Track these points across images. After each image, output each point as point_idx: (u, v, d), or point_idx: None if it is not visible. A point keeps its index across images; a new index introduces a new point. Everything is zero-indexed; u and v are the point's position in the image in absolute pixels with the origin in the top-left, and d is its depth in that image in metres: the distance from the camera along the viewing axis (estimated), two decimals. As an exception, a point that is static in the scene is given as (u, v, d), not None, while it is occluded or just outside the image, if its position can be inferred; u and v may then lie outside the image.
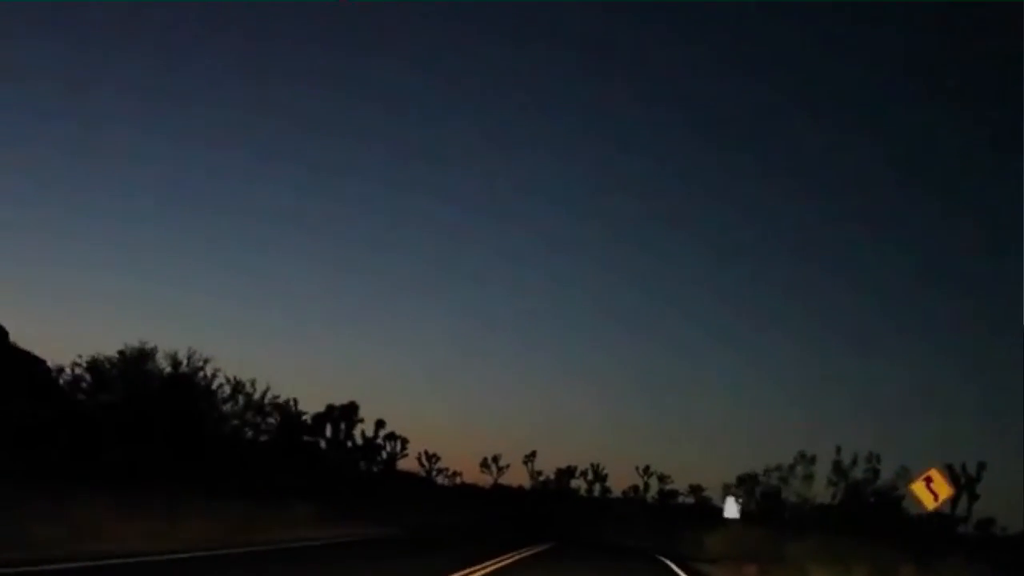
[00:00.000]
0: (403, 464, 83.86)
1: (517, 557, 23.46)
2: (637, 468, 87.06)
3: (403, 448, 73.06)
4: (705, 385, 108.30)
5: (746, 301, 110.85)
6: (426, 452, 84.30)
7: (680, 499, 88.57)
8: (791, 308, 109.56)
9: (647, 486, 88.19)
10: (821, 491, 38.06)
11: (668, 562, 30.47)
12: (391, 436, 73.16)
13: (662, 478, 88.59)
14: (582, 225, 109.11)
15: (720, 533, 37.76)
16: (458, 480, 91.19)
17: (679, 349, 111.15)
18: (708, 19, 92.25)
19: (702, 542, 38.45)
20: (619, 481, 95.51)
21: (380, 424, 41.26)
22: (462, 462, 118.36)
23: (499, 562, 20.74)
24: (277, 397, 34.30)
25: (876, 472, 37.33)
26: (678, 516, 68.95)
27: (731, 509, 40.21)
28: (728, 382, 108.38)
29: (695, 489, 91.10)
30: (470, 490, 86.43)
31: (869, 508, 34.57)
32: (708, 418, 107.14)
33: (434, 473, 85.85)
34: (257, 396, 34.54)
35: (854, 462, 38.26)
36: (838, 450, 39.45)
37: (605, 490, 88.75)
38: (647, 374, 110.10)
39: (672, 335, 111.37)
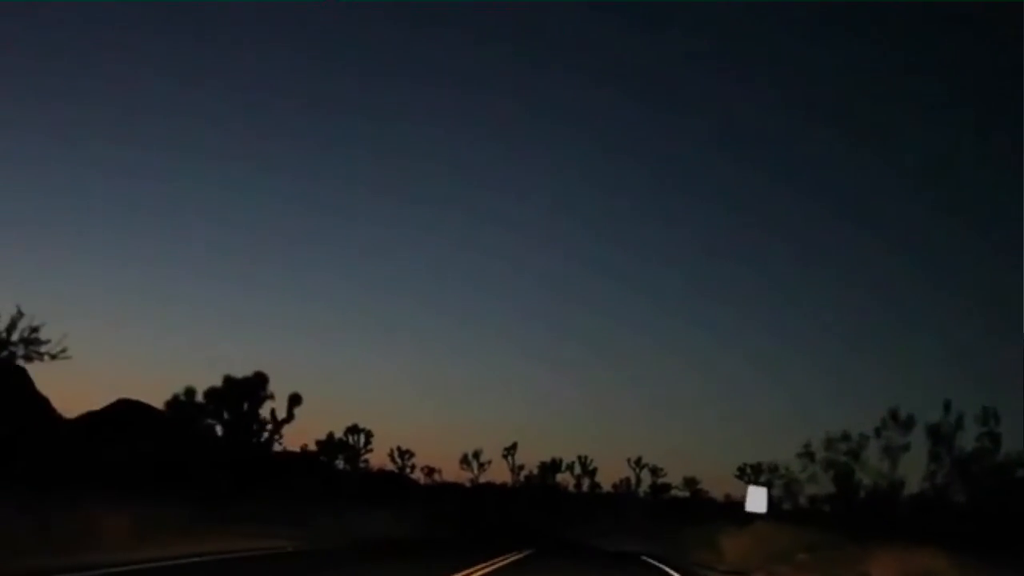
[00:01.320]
0: (376, 461, 75.55)
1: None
2: (628, 460, 77.71)
3: (367, 442, 63.71)
4: (697, 371, 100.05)
5: (736, 286, 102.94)
6: (399, 448, 75.11)
7: (672, 492, 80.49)
8: (786, 292, 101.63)
9: (639, 479, 79.42)
10: (911, 471, 26.80)
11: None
12: (354, 430, 64.02)
13: (655, 471, 79.81)
14: (563, 214, 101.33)
15: (740, 533, 28.48)
16: (436, 478, 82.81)
17: (668, 333, 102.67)
18: (708, 21, 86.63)
19: (717, 545, 29.44)
20: (608, 475, 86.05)
21: (295, 400, 31.73)
22: (442, 459, 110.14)
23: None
24: (36, 330, 21.09)
25: (996, 439, 24.10)
26: (678, 511, 59.94)
27: (756, 500, 30.35)
28: (723, 368, 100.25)
29: (690, 482, 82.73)
30: (449, 488, 77.87)
31: (985, 493, 23.77)
32: (702, 406, 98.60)
33: (408, 470, 76.68)
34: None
35: (959, 423, 24.92)
36: (947, 406, 25.51)
37: (595, 485, 79.90)
38: (635, 359, 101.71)
39: (660, 318, 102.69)
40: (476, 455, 77.56)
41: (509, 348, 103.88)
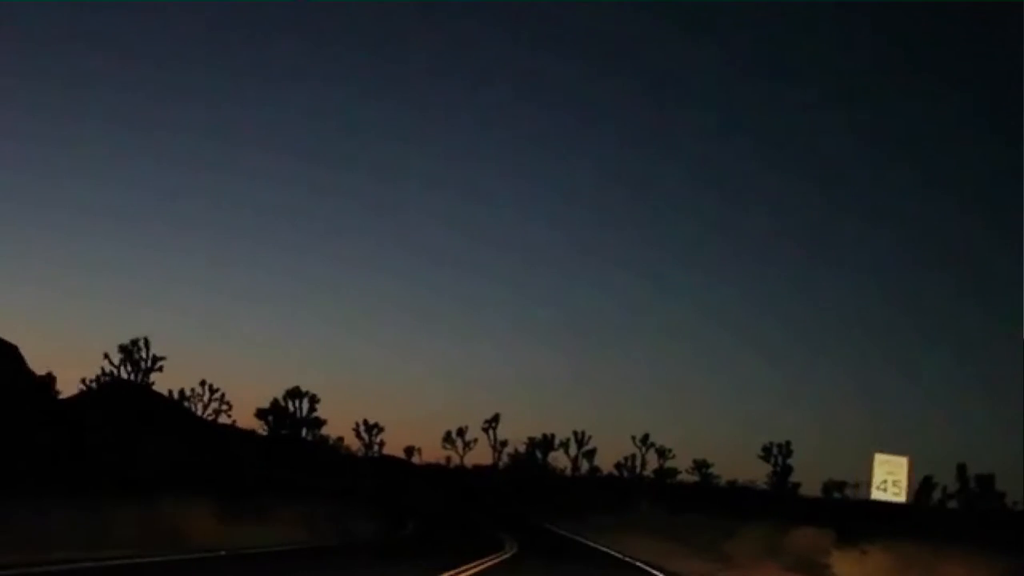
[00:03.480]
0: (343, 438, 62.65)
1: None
2: (633, 438, 64.39)
3: (312, 409, 50.18)
4: (700, 351, 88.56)
5: (740, 269, 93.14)
6: (365, 421, 61.89)
7: (679, 477, 67.21)
8: (796, 276, 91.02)
9: (644, 460, 65.86)
10: None
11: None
12: (295, 393, 50.64)
13: (662, 452, 66.39)
14: (560, 195, 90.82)
15: (867, 547, 14.86)
16: (415, 458, 69.78)
17: (669, 313, 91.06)
18: (714, 18, 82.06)
19: (822, 563, 15.88)
20: (608, 456, 72.67)
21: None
22: (424, 437, 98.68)
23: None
24: None
25: None
26: (696, 499, 46.61)
27: (889, 481, 16.06)
28: (726, 348, 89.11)
29: (700, 464, 69.17)
30: (430, 470, 65.14)
31: None
32: (706, 386, 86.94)
33: (377, 447, 63.49)
34: None
35: None
36: None
37: (594, 469, 66.59)
38: (635, 337, 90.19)
39: (661, 298, 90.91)
40: (461, 432, 64.45)
41: (500, 322, 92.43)
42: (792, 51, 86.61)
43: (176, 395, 51.37)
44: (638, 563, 20.80)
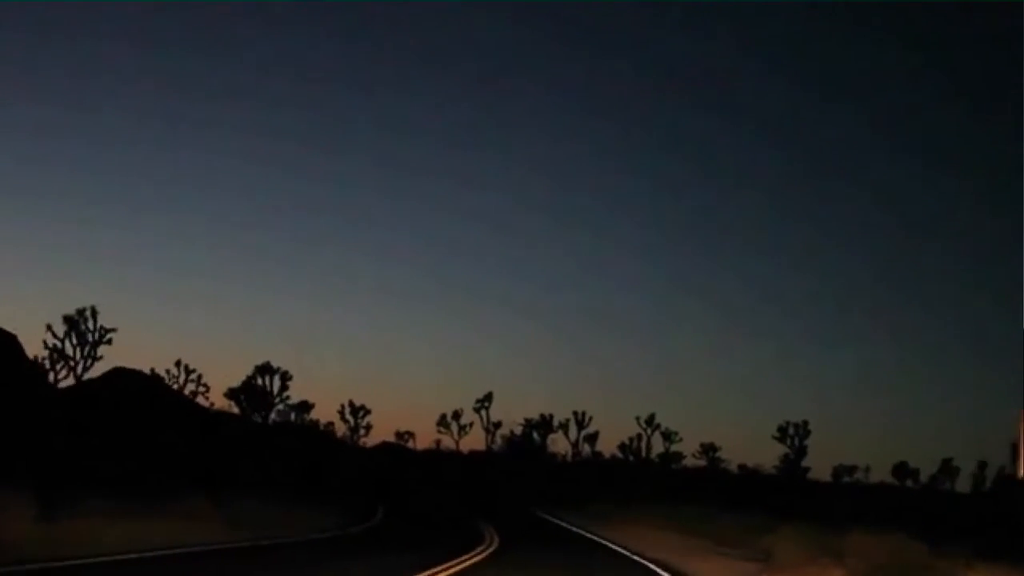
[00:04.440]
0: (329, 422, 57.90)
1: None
2: (638, 419, 59.33)
3: (283, 387, 45.14)
4: (702, 336, 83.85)
5: (743, 255, 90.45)
6: (351, 403, 56.93)
7: (684, 462, 62.23)
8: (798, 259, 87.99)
9: (650, 443, 60.75)
10: None
11: None
12: (266, 369, 45.53)
13: (667, 434, 61.20)
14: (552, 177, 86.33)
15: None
16: (410, 443, 64.99)
17: (671, 298, 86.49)
18: (724, 13, 78.78)
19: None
20: (609, 437, 67.77)
21: None
22: (417, 421, 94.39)
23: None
24: None
25: None
26: (709, 484, 41.67)
27: None
28: (738, 321, 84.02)
29: (707, 448, 64.09)
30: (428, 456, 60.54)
31: None
32: (711, 371, 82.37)
33: (362, 431, 58.49)
34: None
35: None
36: None
37: (596, 454, 61.63)
38: (635, 320, 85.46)
39: (663, 283, 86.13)
40: (456, 416, 59.45)
41: (497, 302, 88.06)
42: (795, 40, 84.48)
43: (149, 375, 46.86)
44: (650, 564, 15.90)
